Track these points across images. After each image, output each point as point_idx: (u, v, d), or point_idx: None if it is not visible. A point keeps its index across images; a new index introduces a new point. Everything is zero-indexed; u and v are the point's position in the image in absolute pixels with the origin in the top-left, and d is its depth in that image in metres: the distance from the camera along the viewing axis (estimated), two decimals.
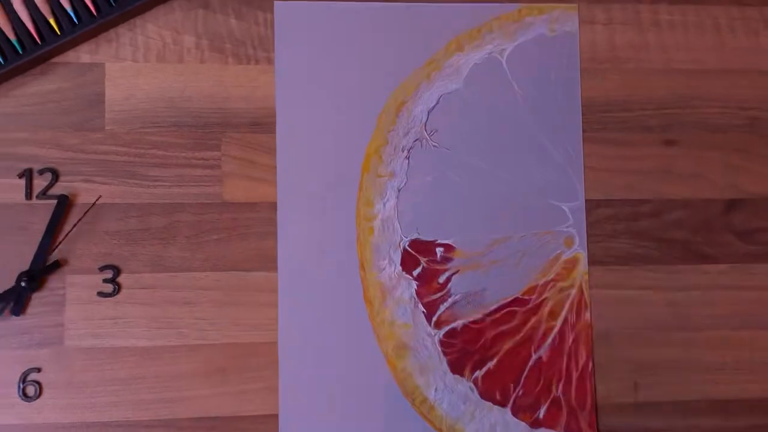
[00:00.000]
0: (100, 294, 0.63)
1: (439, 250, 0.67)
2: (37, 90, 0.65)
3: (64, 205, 0.63)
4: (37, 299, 0.63)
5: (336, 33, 0.67)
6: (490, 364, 0.66)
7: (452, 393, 0.66)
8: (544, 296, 0.67)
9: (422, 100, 0.68)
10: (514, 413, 0.66)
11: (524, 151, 0.68)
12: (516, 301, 0.67)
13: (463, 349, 0.66)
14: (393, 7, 0.68)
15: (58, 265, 0.63)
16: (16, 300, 0.62)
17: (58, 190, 0.63)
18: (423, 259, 0.66)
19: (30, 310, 0.62)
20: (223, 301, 0.65)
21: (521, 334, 0.67)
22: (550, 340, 0.67)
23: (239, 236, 0.65)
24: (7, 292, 0.61)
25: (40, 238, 0.63)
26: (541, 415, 0.66)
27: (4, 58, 0.62)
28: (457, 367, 0.66)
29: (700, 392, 0.68)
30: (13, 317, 0.62)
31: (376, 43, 0.68)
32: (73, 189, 0.63)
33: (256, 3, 0.67)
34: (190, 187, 0.65)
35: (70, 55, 0.65)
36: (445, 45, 0.68)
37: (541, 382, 0.66)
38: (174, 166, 0.65)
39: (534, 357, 0.67)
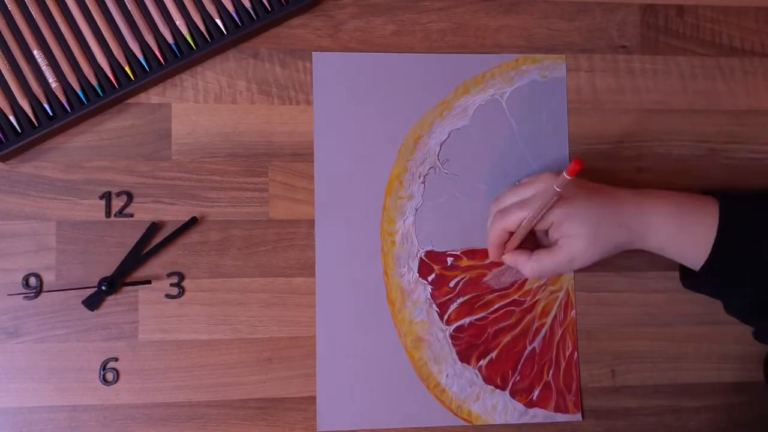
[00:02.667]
0: (168, 296, 0.65)
1: (449, 260, 0.68)
2: (115, 126, 0.66)
3: (153, 229, 0.65)
4: (115, 300, 0.64)
5: (363, 79, 0.68)
6: (492, 355, 0.68)
7: (460, 378, 0.67)
8: (537, 297, 0.68)
9: (435, 134, 0.69)
10: (512, 395, 0.67)
11: (520, 176, 0.68)
12: (513, 302, 0.68)
13: (470, 342, 0.67)
14: (411, 57, 0.69)
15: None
16: (94, 300, 0.64)
17: (131, 209, 0.65)
18: (436, 267, 0.68)
19: (109, 309, 0.64)
20: (270, 302, 0.66)
21: (518, 329, 0.68)
22: (542, 334, 0.68)
23: (283, 248, 0.67)
24: (91, 296, 0.64)
25: (115, 249, 0.64)
26: (534, 397, 0.67)
27: (88, 100, 0.64)
28: (464, 357, 0.67)
29: (667, 378, 0.69)
30: (95, 316, 0.64)
31: (396, 88, 0.69)
32: (145, 209, 0.65)
33: (298, 54, 0.68)
34: (241, 207, 0.66)
35: (142, 97, 0.66)
36: (455, 89, 0.69)
37: (535, 369, 0.68)
38: (228, 189, 0.66)
39: (528, 348, 0.68)
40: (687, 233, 0.63)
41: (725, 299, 0.66)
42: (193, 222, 0.65)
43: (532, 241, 0.66)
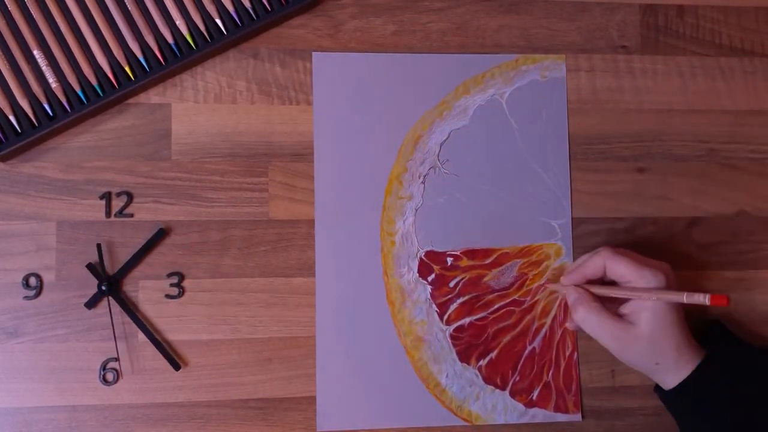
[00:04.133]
0: (168, 296, 0.65)
1: (449, 260, 0.68)
2: (115, 126, 0.65)
3: (160, 235, 0.64)
4: (115, 300, 0.63)
5: (363, 79, 0.68)
6: (492, 355, 0.67)
7: (460, 378, 0.67)
8: (536, 298, 0.68)
9: (435, 134, 0.68)
10: (512, 395, 0.67)
11: (520, 176, 0.69)
12: (513, 302, 0.68)
13: (470, 342, 0.67)
14: (411, 57, 0.69)
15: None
16: (94, 300, 0.63)
17: (131, 209, 0.65)
18: (436, 267, 0.67)
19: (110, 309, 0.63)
20: (270, 302, 0.66)
21: (518, 330, 0.68)
22: (542, 334, 0.68)
23: (283, 248, 0.66)
24: (92, 297, 0.63)
25: (115, 249, 0.64)
26: (534, 397, 0.67)
27: (88, 100, 0.63)
28: (464, 357, 0.67)
29: None
30: (95, 316, 0.63)
31: (396, 87, 0.68)
32: (145, 209, 0.65)
33: (298, 54, 0.68)
34: (241, 207, 0.66)
35: (142, 97, 0.66)
36: (455, 89, 0.69)
37: (535, 369, 0.67)
38: (228, 189, 0.66)
39: (528, 348, 0.67)
40: None
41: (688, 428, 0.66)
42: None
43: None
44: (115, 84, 0.64)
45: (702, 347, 0.64)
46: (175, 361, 0.64)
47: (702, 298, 0.56)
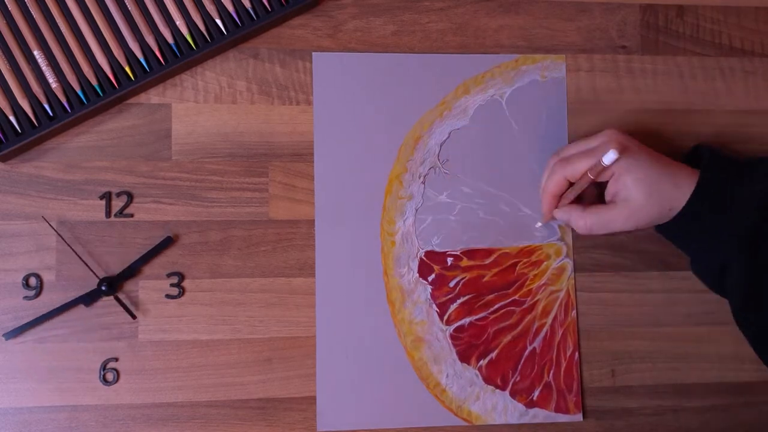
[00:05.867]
0: (168, 296, 0.64)
1: (449, 260, 0.67)
2: (115, 126, 0.65)
3: (167, 242, 0.64)
4: (115, 300, 0.63)
5: (363, 79, 0.68)
6: (492, 355, 0.67)
7: (460, 378, 0.66)
8: (537, 297, 0.68)
9: (435, 134, 0.68)
10: (512, 395, 0.66)
11: (521, 177, 0.68)
12: (514, 302, 0.67)
13: (470, 342, 0.67)
14: (411, 57, 0.68)
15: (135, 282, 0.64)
16: (91, 297, 0.63)
17: (131, 210, 0.64)
18: (436, 267, 0.67)
19: (110, 309, 0.63)
20: (270, 302, 0.65)
21: (518, 330, 0.67)
22: (542, 334, 0.67)
23: (283, 248, 0.66)
24: (90, 293, 0.63)
25: (115, 249, 0.64)
26: (534, 397, 0.67)
27: (88, 100, 0.63)
28: (464, 357, 0.67)
29: (666, 378, 0.69)
30: (95, 316, 0.63)
31: (396, 88, 0.68)
32: (145, 209, 0.65)
33: (298, 54, 0.67)
34: (241, 207, 0.66)
35: (142, 97, 0.66)
36: (455, 89, 0.69)
37: (535, 369, 0.67)
38: (228, 189, 0.66)
39: (529, 348, 0.67)
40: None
41: (694, 251, 0.66)
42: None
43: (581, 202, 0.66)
44: (115, 84, 0.64)
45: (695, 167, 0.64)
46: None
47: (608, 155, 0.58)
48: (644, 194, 0.61)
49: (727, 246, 0.62)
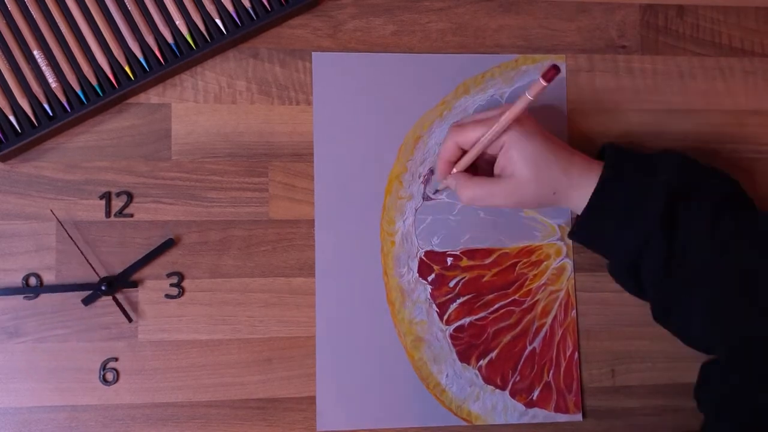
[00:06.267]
0: (167, 296, 0.64)
1: (449, 260, 0.67)
2: (114, 126, 0.65)
3: (169, 244, 0.64)
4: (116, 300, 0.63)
5: (363, 79, 0.68)
6: (492, 355, 0.67)
7: (460, 378, 0.66)
8: (537, 297, 0.68)
9: (435, 134, 0.68)
10: (512, 395, 0.66)
11: None
12: (513, 302, 0.67)
13: (470, 342, 0.67)
14: (411, 57, 0.68)
15: (135, 284, 0.64)
16: (93, 300, 0.63)
17: (131, 210, 0.64)
18: (436, 267, 0.67)
19: (109, 309, 0.63)
20: (270, 302, 0.65)
21: (518, 329, 0.67)
22: (542, 334, 0.67)
23: (283, 248, 0.66)
24: (90, 293, 0.62)
25: (115, 249, 0.63)
26: (534, 397, 0.67)
27: (88, 100, 0.63)
28: (464, 357, 0.66)
29: (666, 377, 0.68)
30: (95, 316, 0.63)
31: (396, 88, 0.68)
32: (144, 209, 0.64)
33: (298, 54, 0.67)
34: (241, 207, 0.65)
35: (142, 97, 0.65)
36: (455, 89, 0.68)
37: (535, 369, 0.67)
38: (228, 189, 0.66)
39: (529, 348, 0.67)
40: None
41: (608, 246, 0.64)
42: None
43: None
44: (115, 84, 0.64)
45: (599, 161, 0.63)
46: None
47: (538, 81, 0.55)
48: (529, 172, 0.61)
49: (648, 222, 0.60)
